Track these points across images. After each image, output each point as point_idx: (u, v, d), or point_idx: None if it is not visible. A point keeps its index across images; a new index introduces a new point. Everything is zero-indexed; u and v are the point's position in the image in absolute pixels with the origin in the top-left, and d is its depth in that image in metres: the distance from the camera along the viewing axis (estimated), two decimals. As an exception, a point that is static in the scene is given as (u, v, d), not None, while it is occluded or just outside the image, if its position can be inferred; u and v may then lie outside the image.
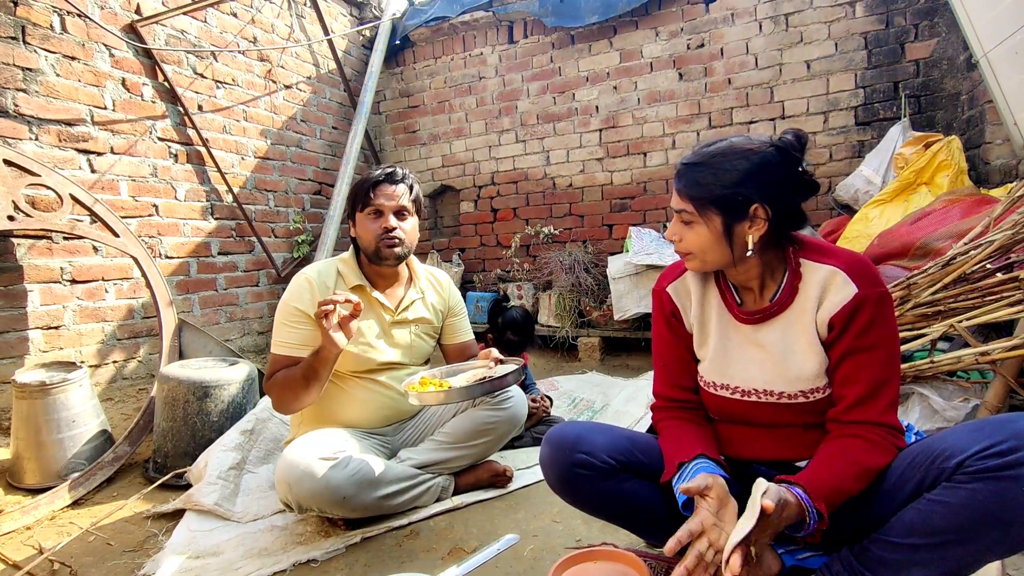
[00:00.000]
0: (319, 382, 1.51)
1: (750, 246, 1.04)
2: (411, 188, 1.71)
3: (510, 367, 1.58)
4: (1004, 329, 1.71)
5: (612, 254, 3.61)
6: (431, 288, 1.86)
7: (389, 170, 1.69)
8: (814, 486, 0.93)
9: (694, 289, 1.19)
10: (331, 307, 1.40)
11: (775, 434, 1.14)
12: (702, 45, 3.56)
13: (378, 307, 1.72)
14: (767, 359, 1.11)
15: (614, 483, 1.15)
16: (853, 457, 0.98)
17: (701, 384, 1.20)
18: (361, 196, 1.66)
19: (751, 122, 3.47)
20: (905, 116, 2.98)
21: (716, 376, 1.17)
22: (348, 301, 1.42)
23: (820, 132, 3.32)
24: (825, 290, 1.05)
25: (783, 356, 1.09)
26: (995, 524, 0.83)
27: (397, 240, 1.65)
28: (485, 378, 1.51)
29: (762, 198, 1.02)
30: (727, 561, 0.85)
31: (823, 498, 0.92)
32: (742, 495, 1.00)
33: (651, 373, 2.99)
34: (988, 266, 1.64)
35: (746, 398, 1.13)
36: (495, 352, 1.65)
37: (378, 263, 1.68)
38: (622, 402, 2.62)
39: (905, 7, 3.08)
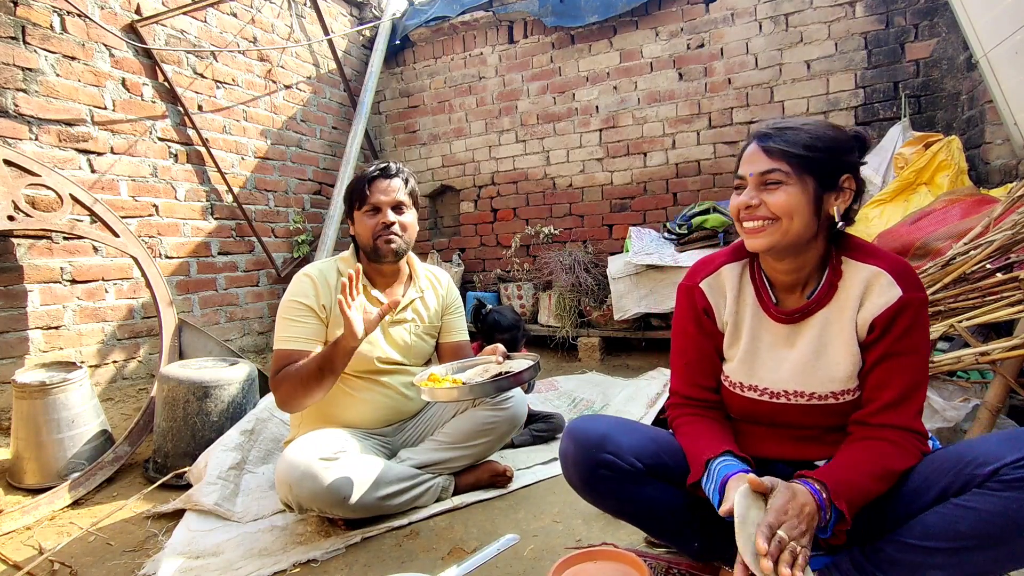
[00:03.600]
0: (334, 375, 1.48)
1: (837, 217, 1.03)
2: (406, 182, 1.70)
3: (527, 362, 1.51)
4: (1004, 329, 1.71)
5: (612, 254, 3.61)
6: (430, 287, 1.85)
7: (383, 165, 1.68)
8: (835, 484, 0.92)
9: (730, 286, 1.16)
10: (351, 297, 1.39)
11: (797, 435, 1.12)
12: (702, 45, 3.56)
13: (377, 305, 1.72)
14: (799, 360, 1.09)
15: (638, 487, 1.12)
16: (880, 459, 0.97)
17: (725, 384, 1.17)
18: (358, 194, 1.66)
19: (751, 122, 3.46)
20: (905, 116, 2.98)
21: (743, 377, 1.14)
22: (356, 280, 1.41)
23: (820, 132, 3.32)
24: (868, 290, 1.03)
25: (816, 356, 1.07)
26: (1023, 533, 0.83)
27: (395, 235, 1.64)
28: (502, 374, 1.44)
29: (851, 170, 1.03)
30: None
31: (844, 497, 0.91)
32: None
33: (651, 373, 3.01)
34: (988, 266, 1.63)
35: (774, 400, 1.11)
36: (502, 347, 1.62)
37: (377, 260, 1.68)
38: (622, 402, 2.62)
39: (905, 7, 3.08)
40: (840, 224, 1.06)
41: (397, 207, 1.67)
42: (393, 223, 1.64)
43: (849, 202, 1.04)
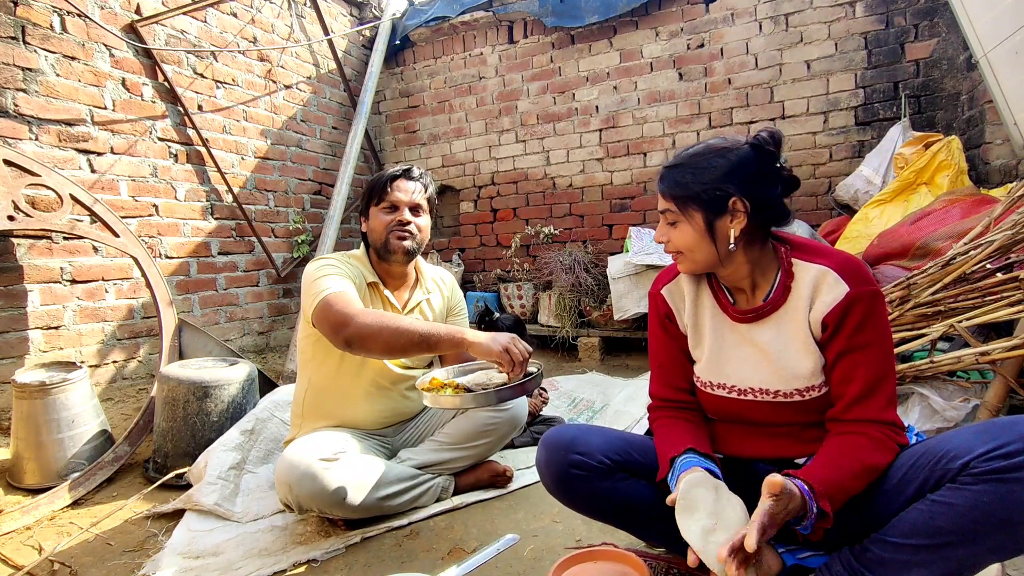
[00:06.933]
0: (425, 351, 1.46)
1: (731, 240, 1.06)
2: (426, 187, 1.74)
3: (530, 370, 1.48)
4: (1004, 329, 1.71)
5: (612, 254, 3.61)
6: (436, 289, 1.86)
7: (406, 167, 1.72)
8: (818, 482, 0.93)
9: (687, 291, 1.21)
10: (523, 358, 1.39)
11: (773, 432, 1.14)
12: (702, 45, 3.56)
13: (388, 306, 1.73)
14: (762, 358, 1.11)
15: (610, 483, 1.15)
16: (856, 455, 0.98)
17: (697, 384, 1.21)
18: (377, 190, 1.68)
19: (751, 122, 3.47)
20: (905, 116, 2.98)
21: (712, 376, 1.17)
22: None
23: (820, 132, 3.32)
24: (816, 289, 1.05)
25: (778, 355, 1.09)
26: (999, 526, 0.83)
27: (408, 233, 1.66)
28: (504, 383, 1.41)
29: (740, 192, 1.04)
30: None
31: (827, 495, 0.92)
32: (742, 492, 1.00)
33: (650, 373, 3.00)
34: (988, 266, 1.63)
35: (743, 397, 1.13)
36: None
37: (387, 257, 1.68)
38: (622, 402, 2.62)
39: (905, 7, 3.08)
40: (775, 227, 1.10)
41: (414, 208, 1.70)
42: (409, 222, 1.67)
43: (744, 222, 1.05)
